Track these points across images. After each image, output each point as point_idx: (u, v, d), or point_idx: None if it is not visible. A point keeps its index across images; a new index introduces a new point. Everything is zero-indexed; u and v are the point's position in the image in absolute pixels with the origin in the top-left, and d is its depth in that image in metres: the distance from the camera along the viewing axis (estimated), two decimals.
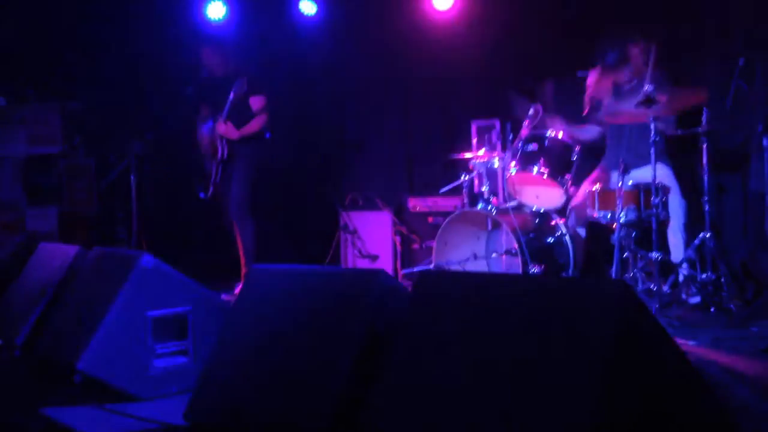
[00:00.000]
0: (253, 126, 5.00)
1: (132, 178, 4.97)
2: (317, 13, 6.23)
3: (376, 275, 2.15)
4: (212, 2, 5.89)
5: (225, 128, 4.95)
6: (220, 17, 5.86)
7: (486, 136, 5.61)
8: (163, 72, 5.89)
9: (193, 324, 3.06)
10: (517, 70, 5.65)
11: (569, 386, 1.66)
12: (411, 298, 2.06)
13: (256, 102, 5.00)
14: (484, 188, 4.71)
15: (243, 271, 5.09)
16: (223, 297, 3.97)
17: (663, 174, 4.29)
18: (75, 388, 2.94)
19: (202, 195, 5.10)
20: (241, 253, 5.07)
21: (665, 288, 4.10)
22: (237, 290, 4.97)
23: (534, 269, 4.23)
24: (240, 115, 4.97)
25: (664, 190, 4.16)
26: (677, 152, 4.60)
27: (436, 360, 1.91)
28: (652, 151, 4.01)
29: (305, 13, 6.22)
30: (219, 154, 5.00)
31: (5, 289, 4.01)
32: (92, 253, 3.39)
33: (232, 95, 4.88)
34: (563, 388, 1.66)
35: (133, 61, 6.03)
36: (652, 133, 4.00)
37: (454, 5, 5.99)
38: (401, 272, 5.59)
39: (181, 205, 5.87)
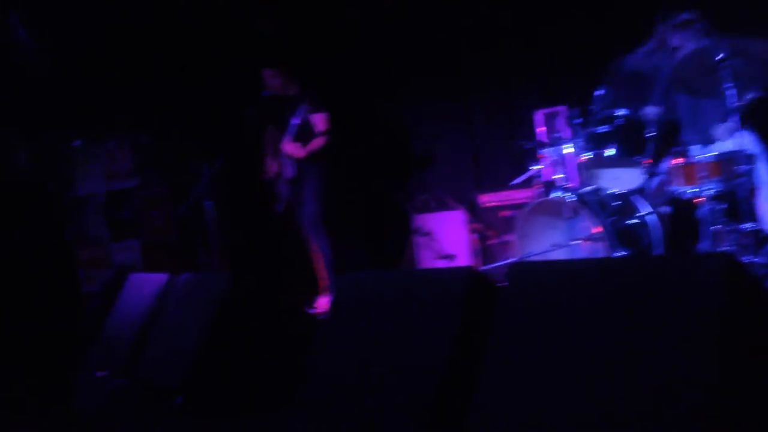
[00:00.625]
0: (319, 142, 5.04)
1: (206, 202, 5.07)
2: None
3: (464, 272, 2.12)
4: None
5: (292, 148, 5.00)
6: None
7: (552, 123, 5.50)
8: (227, 94, 6.00)
9: None
10: (581, 50, 5.50)
11: (682, 369, 1.59)
12: (506, 290, 2.02)
13: (319, 120, 5.04)
14: (558, 176, 4.61)
15: (321, 284, 5.12)
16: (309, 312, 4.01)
17: (746, 141, 4.10)
18: (178, 409, 3.02)
19: (278, 208, 5.17)
20: (319, 266, 5.11)
21: (761, 260, 3.91)
22: (317, 304, 5.01)
23: (619, 253, 4.11)
24: (305, 133, 5.01)
25: (749, 158, 3.98)
26: (762, 117, 4.40)
27: (536, 351, 1.86)
28: (735, 117, 3.84)
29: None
30: (289, 174, 5.06)
31: (103, 322, 4.15)
32: (181, 279, 3.48)
33: (297, 120, 4.92)
34: (676, 372, 1.59)
35: (195, 87, 6.16)
36: (734, 98, 3.83)
37: None
38: (482, 269, 5.52)
39: (256, 224, 5.96)
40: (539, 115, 5.66)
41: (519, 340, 1.96)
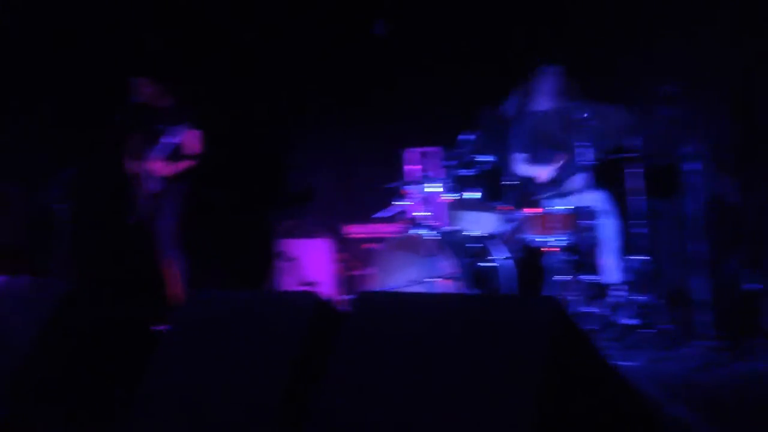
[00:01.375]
0: (189, 164, 4.92)
1: (59, 207, 4.79)
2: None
3: (309, 296, 2.11)
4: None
5: (160, 167, 4.86)
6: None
7: (425, 163, 5.65)
8: (91, 98, 5.75)
9: None
10: (456, 96, 5.72)
11: (502, 404, 1.64)
12: (348, 317, 2.02)
13: (191, 139, 4.91)
14: (423, 213, 4.72)
15: (173, 302, 4.95)
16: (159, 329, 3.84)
17: (597, 198, 4.38)
18: None
19: (130, 219, 4.98)
20: (173, 283, 4.94)
21: (602, 311, 4.15)
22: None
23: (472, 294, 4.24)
24: (176, 151, 4.88)
25: (596, 214, 4.24)
26: (612, 177, 4.71)
27: (371, 379, 1.87)
28: (589, 175, 4.09)
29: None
30: (150, 188, 4.90)
31: None
32: (12, 283, 3.25)
33: (173, 140, 4.78)
34: (497, 406, 1.64)
35: (61, 88, 5.87)
36: (590, 156, 4.09)
37: (390, 32, 6.03)
38: (343, 298, 5.53)
39: (110, 233, 5.70)
40: (413, 153, 5.80)
41: (358, 366, 1.96)
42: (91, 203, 5.76)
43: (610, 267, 4.44)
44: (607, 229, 4.39)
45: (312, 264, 5.77)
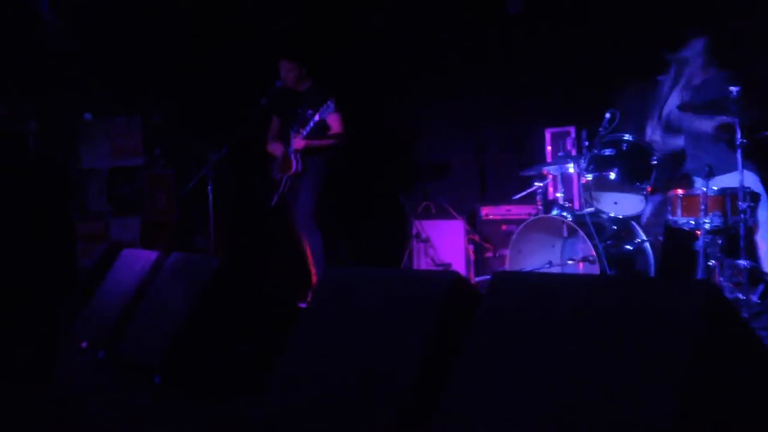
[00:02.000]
0: (328, 142, 5.05)
1: (209, 187, 5.08)
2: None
3: (447, 275, 2.12)
4: None
5: (303, 143, 4.99)
6: None
7: (561, 143, 5.51)
8: (238, 83, 6.02)
9: None
10: (593, 74, 5.53)
11: (647, 391, 1.58)
12: (485, 297, 2.02)
13: (333, 121, 5.03)
14: (559, 194, 4.61)
15: (313, 279, 5.12)
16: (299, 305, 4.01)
17: (750, 180, 4.09)
18: (154, 388, 3.02)
19: (273, 201, 5.18)
20: (310, 262, 5.11)
21: (754, 298, 3.90)
22: (308, 298, 5.01)
23: None
24: (318, 131, 5.02)
25: (753, 196, 3.97)
26: (765, 157, 4.39)
27: (507, 360, 1.86)
28: (739, 154, 3.83)
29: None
30: (293, 169, 5.06)
31: (92, 294, 4.17)
32: (171, 258, 3.48)
33: (317, 117, 4.91)
34: (641, 393, 1.59)
35: (210, 73, 6.19)
36: (739, 135, 3.83)
37: (526, 9, 5.92)
38: (475, 280, 5.52)
39: (256, 213, 5.97)
40: (551, 133, 5.67)
41: (494, 346, 1.96)
42: (239, 185, 6.08)
43: (763, 252, 4.15)
44: (762, 212, 4.10)
45: (446, 245, 5.79)
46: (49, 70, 6.20)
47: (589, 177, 4.29)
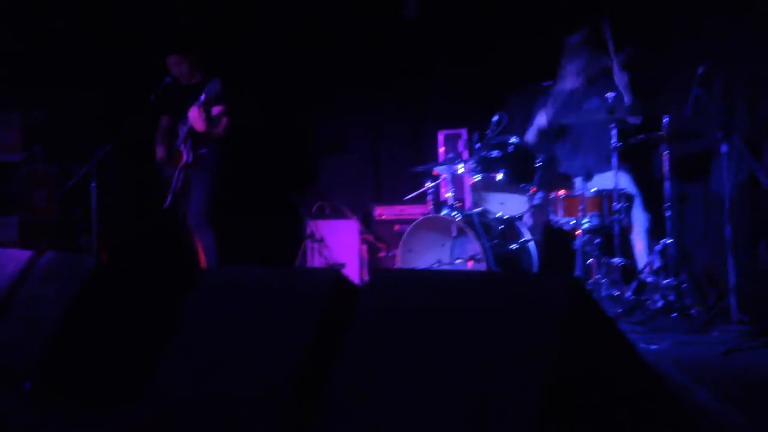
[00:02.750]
0: (219, 127, 4.94)
1: (93, 185, 4.87)
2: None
3: (328, 273, 2.12)
4: None
5: (196, 113, 4.81)
6: None
7: (452, 144, 5.64)
8: (126, 79, 5.83)
9: None
10: (484, 79, 5.68)
11: (515, 381, 1.64)
12: (364, 294, 2.04)
13: (217, 110, 4.95)
14: (449, 195, 4.71)
15: None
16: None
17: (625, 181, 4.32)
18: (25, 395, 2.87)
19: (167, 203, 5.04)
20: (201, 262, 5.01)
21: (628, 294, 4.12)
22: None
23: None
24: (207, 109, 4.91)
25: (627, 197, 4.20)
26: (639, 159, 4.65)
27: (385, 356, 1.88)
28: (614, 157, 4.04)
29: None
30: (183, 160, 4.94)
31: None
32: (45, 258, 3.32)
33: (203, 96, 4.80)
34: (510, 383, 1.64)
35: (96, 68, 5.96)
36: (614, 139, 4.04)
37: (420, 14, 6.02)
38: (367, 280, 5.56)
39: (142, 212, 5.80)
40: (442, 135, 5.79)
41: (372, 342, 1.98)
42: (124, 182, 5.88)
43: (639, 250, 4.39)
44: (636, 212, 4.34)
45: (340, 245, 5.80)
46: None
47: (478, 178, 4.42)
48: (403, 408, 1.80)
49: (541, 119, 4.70)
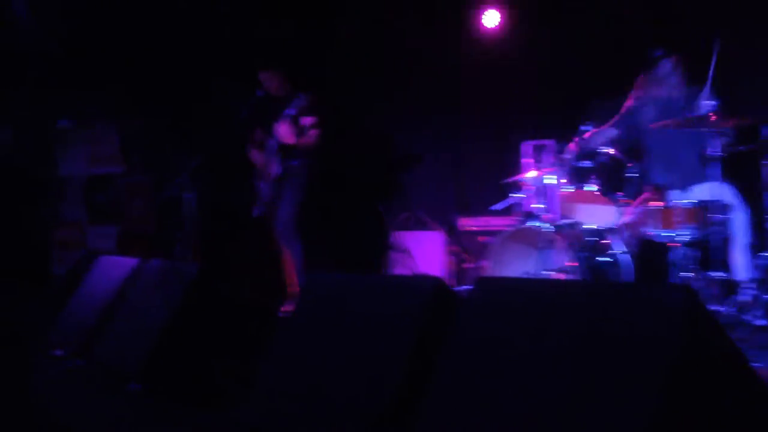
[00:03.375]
0: (308, 139, 5.05)
1: (187, 195, 5.04)
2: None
3: (429, 280, 2.13)
4: None
5: (286, 129, 4.94)
6: None
7: (538, 155, 5.57)
8: (220, 93, 6.01)
9: None
10: (570, 89, 5.61)
11: (630, 395, 1.60)
12: (466, 301, 2.03)
13: (307, 121, 5.06)
14: (537, 206, 4.65)
15: (290, 290, 5.10)
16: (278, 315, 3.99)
17: (724, 192, 4.17)
18: (131, 396, 2.99)
19: (255, 212, 5.17)
20: (290, 271, 5.09)
21: (728, 310, 3.96)
22: (285, 308, 4.98)
23: None
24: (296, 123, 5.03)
25: (726, 208, 4.04)
26: (738, 170, 4.48)
27: (489, 365, 1.87)
28: (715, 167, 3.91)
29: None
30: (274, 172, 5.06)
31: (66, 302, 4.11)
32: (151, 265, 3.46)
33: (293, 110, 4.93)
34: (623, 398, 1.61)
35: (191, 81, 6.17)
36: (715, 148, 3.91)
37: (502, 23, 6.01)
38: (456, 289, 5.54)
39: (238, 222, 5.95)
40: (527, 146, 5.73)
41: (474, 351, 1.97)
42: (218, 193, 6.05)
43: (739, 264, 4.22)
44: (736, 224, 4.18)
45: (424, 256, 5.81)
46: (23, 74, 6.14)
47: (567, 188, 4.35)
48: (506, 419, 1.79)
49: (611, 131, 4.61)
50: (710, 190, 3.94)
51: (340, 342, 2.26)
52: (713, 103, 3.92)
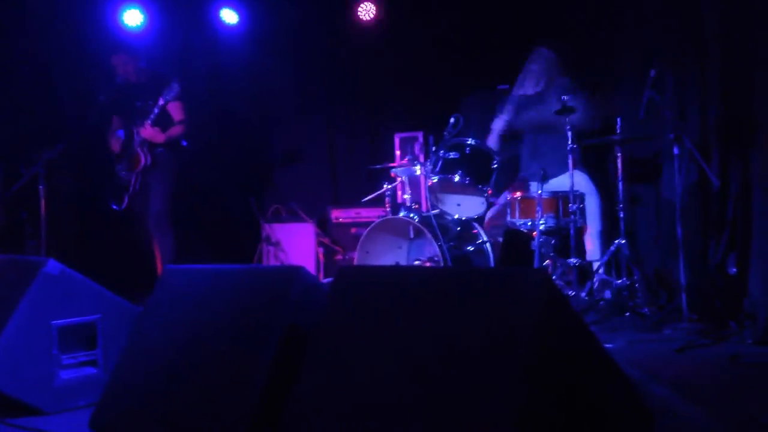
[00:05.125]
0: (176, 131, 4.88)
1: (41, 187, 4.73)
2: (239, 22, 6.14)
3: (295, 271, 2.09)
4: (129, 9, 5.70)
5: (151, 132, 4.79)
6: (138, 24, 5.66)
7: (409, 147, 5.65)
8: (74, 80, 5.69)
9: (103, 333, 2.92)
10: (440, 83, 5.73)
11: (491, 378, 1.63)
12: (329, 292, 2.01)
13: (175, 108, 4.88)
14: (407, 196, 4.71)
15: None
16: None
17: (580, 182, 4.39)
18: None
19: (114, 206, 4.93)
20: (158, 265, 4.90)
21: (583, 294, 4.17)
22: None
23: None
24: (161, 121, 4.84)
25: (582, 198, 4.26)
26: (593, 161, 4.73)
27: (356, 355, 1.86)
28: (570, 158, 4.10)
29: (227, 23, 6.12)
30: (142, 163, 4.85)
31: None
32: None
33: (161, 100, 4.74)
34: (485, 381, 1.63)
35: (44, 69, 5.80)
36: (569, 141, 4.10)
37: (377, 17, 6.04)
38: (323, 281, 5.52)
39: (92, 215, 5.66)
40: (397, 138, 5.81)
41: (339, 342, 1.95)
42: (74, 184, 5.72)
43: (593, 250, 4.46)
44: (590, 213, 4.41)
45: (296, 248, 5.76)
46: None
47: (435, 179, 4.42)
48: (372, 408, 1.78)
49: (499, 123, 4.75)
50: (568, 181, 4.12)
51: (198, 336, 2.17)
52: (569, 96, 4.11)
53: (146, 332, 2.33)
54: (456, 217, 4.51)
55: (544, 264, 4.20)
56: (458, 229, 4.53)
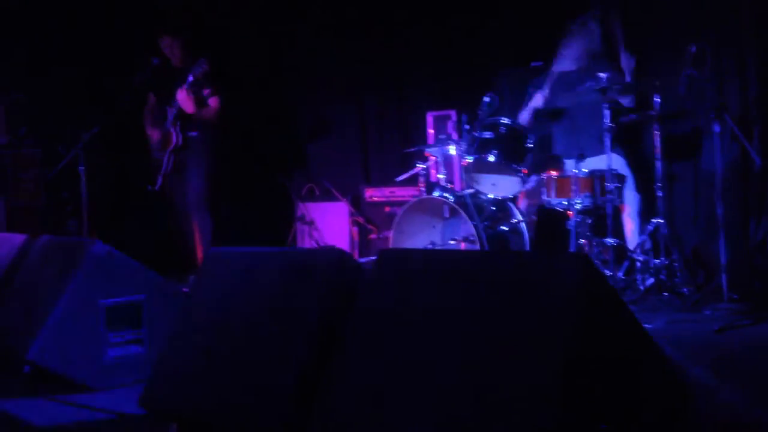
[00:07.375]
0: (208, 113, 4.92)
1: (81, 168, 4.82)
2: None
3: (332, 252, 2.11)
4: None
5: (185, 97, 4.77)
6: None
7: (442, 126, 5.63)
8: (112, 60, 5.75)
9: (148, 312, 3.02)
10: (473, 60, 5.68)
11: (532, 361, 1.64)
12: (371, 274, 2.03)
13: (206, 92, 4.92)
14: (441, 176, 4.71)
15: (198, 263, 4.99)
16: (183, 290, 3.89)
17: (617, 162, 4.35)
18: (24, 379, 2.85)
19: (149, 187, 5.00)
20: (197, 245, 4.97)
21: (620, 274, 4.16)
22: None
23: None
24: (197, 98, 4.88)
25: (619, 178, 4.22)
26: (631, 140, 4.67)
27: (395, 337, 1.88)
28: (606, 137, 4.06)
29: None
30: (173, 143, 4.90)
31: None
32: (40, 242, 3.28)
33: (191, 77, 4.77)
34: (527, 364, 1.65)
35: (81, 49, 5.88)
36: (607, 119, 4.06)
37: None
38: (359, 261, 5.56)
39: (130, 195, 5.76)
40: (430, 117, 5.78)
41: (378, 323, 1.97)
42: (113, 165, 5.82)
43: (631, 230, 4.43)
44: (628, 192, 4.37)
45: (330, 227, 5.80)
46: None
47: (469, 159, 4.41)
48: (411, 391, 1.80)
49: (538, 100, 4.69)
50: (605, 160, 4.09)
51: (241, 319, 2.22)
52: (607, 75, 4.06)
53: (192, 313, 2.38)
54: (491, 196, 4.50)
55: (580, 242, 4.18)
56: (493, 208, 4.52)
